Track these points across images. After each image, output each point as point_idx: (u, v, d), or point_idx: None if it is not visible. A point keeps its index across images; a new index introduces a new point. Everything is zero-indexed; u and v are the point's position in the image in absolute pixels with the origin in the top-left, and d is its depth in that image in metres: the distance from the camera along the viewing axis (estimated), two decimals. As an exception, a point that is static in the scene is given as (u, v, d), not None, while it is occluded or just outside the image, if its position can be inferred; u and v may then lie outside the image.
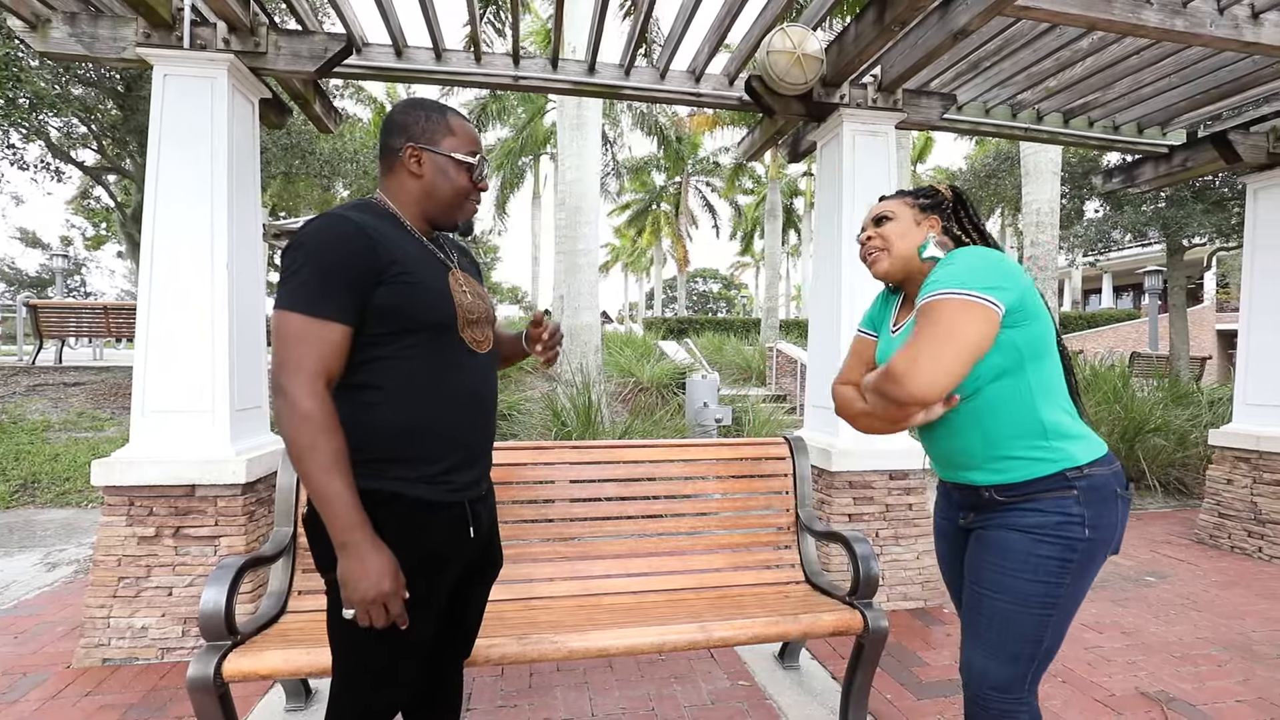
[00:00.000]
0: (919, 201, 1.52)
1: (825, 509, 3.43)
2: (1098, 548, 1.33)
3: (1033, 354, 1.32)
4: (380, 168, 1.39)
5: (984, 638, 1.37)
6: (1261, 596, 3.64)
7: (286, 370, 1.16)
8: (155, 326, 2.85)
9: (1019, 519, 1.34)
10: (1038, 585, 1.31)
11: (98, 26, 2.93)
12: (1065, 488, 1.32)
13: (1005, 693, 1.35)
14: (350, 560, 1.16)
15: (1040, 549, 1.31)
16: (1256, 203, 4.54)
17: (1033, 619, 1.32)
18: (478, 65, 3.56)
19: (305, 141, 11.60)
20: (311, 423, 1.14)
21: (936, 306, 1.26)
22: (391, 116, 1.36)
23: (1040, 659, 1.35)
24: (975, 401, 1.35)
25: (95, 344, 13.02)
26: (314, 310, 1.18)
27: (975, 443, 1.38)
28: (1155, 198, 13.03)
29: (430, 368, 1.28)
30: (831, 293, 3.61)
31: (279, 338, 1.18)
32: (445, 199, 1.36)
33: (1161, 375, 10.27)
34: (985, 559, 1.38)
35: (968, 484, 1.44)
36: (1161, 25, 2.98)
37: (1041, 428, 1.33)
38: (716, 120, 18.62)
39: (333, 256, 1.19)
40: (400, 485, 1.25)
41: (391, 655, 1.28)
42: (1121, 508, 1.35)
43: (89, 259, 37.99)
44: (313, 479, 1.14)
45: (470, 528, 1.37)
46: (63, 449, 6.27)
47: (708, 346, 14.49)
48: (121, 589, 2.74)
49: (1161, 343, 17.04)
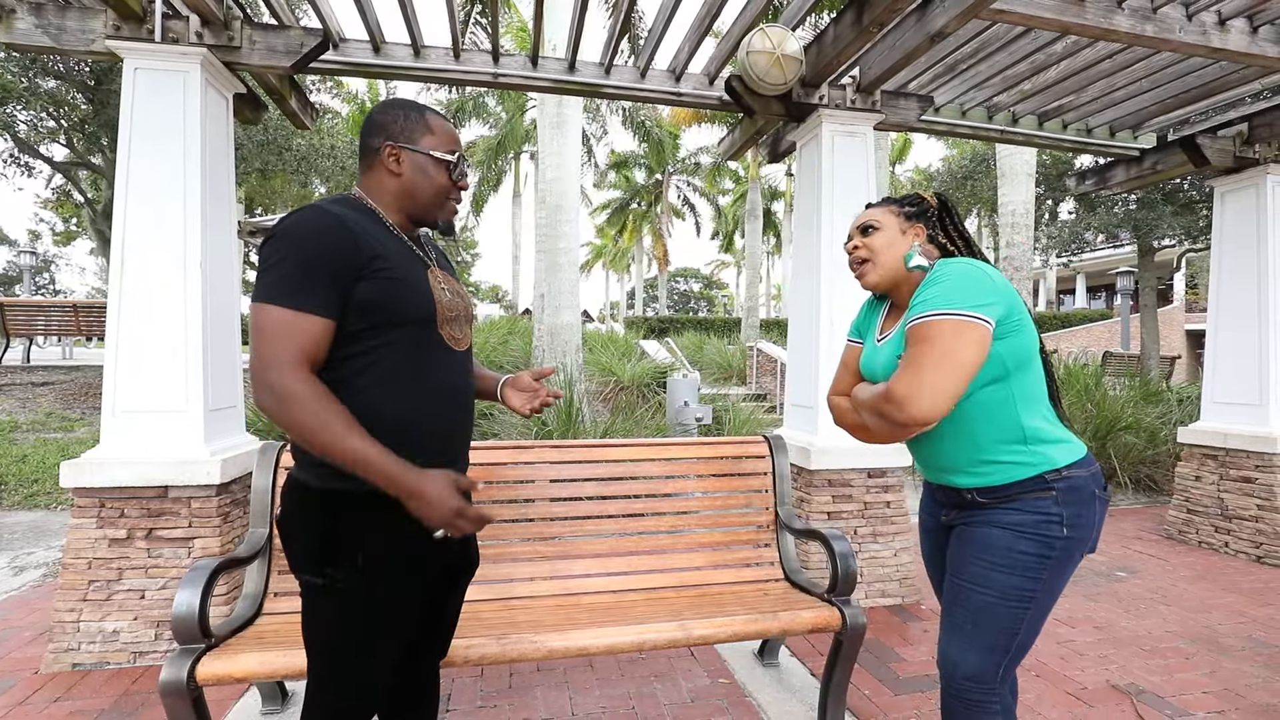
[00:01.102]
0: (904, 210, 1.53)
1: (804, 507, 3.45)
2: (1075, 546, 1.36)
3: (1017, 364, 1.36)
4: (360, 166, 1.38)
5: (962, 629, 1.41)
6: (1228, 590, 3.73)
7: (267, 364, 1.13)
8: (127, 325, 2.80)
9: (1001, 517, 1.38)
10: (1016, 579, 1.35)
11: (65, 18, 2.87)
12: (1044, 489, 1.36)
13: (978, 683, 1.39)
14: (414, 502, 1.16)
15: (1020, 544, 1.35)
16: (1224, 205, 4.65)
17: (1009, 612, 1.36)
18: (457, 63, 3.53)
19: (281, 137, 11.44)
20: (306, 402, 1.12)
21: (932, 328, 1.28)
22: (371, 116, 1.36)
23: (1014, 652, 1.38)
24: (960, 409, 1.37)
25: (65, 343, 12.75)
26: (295, 303, 1.15)
27: (959, 448, 1.42)
28: (1126, 200, 13.30)
29: (409, 364, 1.27)
30: (811, 292, 3.63)
31: (258, 331, 1.16)
32: (425, 197, 1.35)
33: (1133, 374, 10.47)
34: (967, 553, 1.42)
35: (951, 485, 1.48)
36: (1132, 30, 3.05)
37: (1022, 433, 1.37)
38: (698, 115, 18.66)
39: (314, 249, 1.17)
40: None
41: (366, 656, 1.28)
42: (1099, 508, 1.39)
43: (58, 255, 37.17)
44: (335, 450, 1.13)
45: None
46: (31, 450, 6.12)
47: (688, 346, 14.52)
48: (92, 592, 2.68)
49: (1133, 342, 17.40)
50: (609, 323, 33.48)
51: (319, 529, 1.24)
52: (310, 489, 1.26)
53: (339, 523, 1.24)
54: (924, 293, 1.35)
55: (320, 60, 3.32)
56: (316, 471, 1.24)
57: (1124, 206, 13.47)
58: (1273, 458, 4.23)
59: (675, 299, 57.24)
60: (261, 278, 1.18)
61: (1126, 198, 13.15)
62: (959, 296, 1.29)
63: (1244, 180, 4.48)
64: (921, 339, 1.29)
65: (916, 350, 1.29)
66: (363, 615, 1.26)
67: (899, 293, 1.53)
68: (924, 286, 1.37)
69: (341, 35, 3.44)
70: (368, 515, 1.23)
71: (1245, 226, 4.49)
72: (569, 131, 8.39)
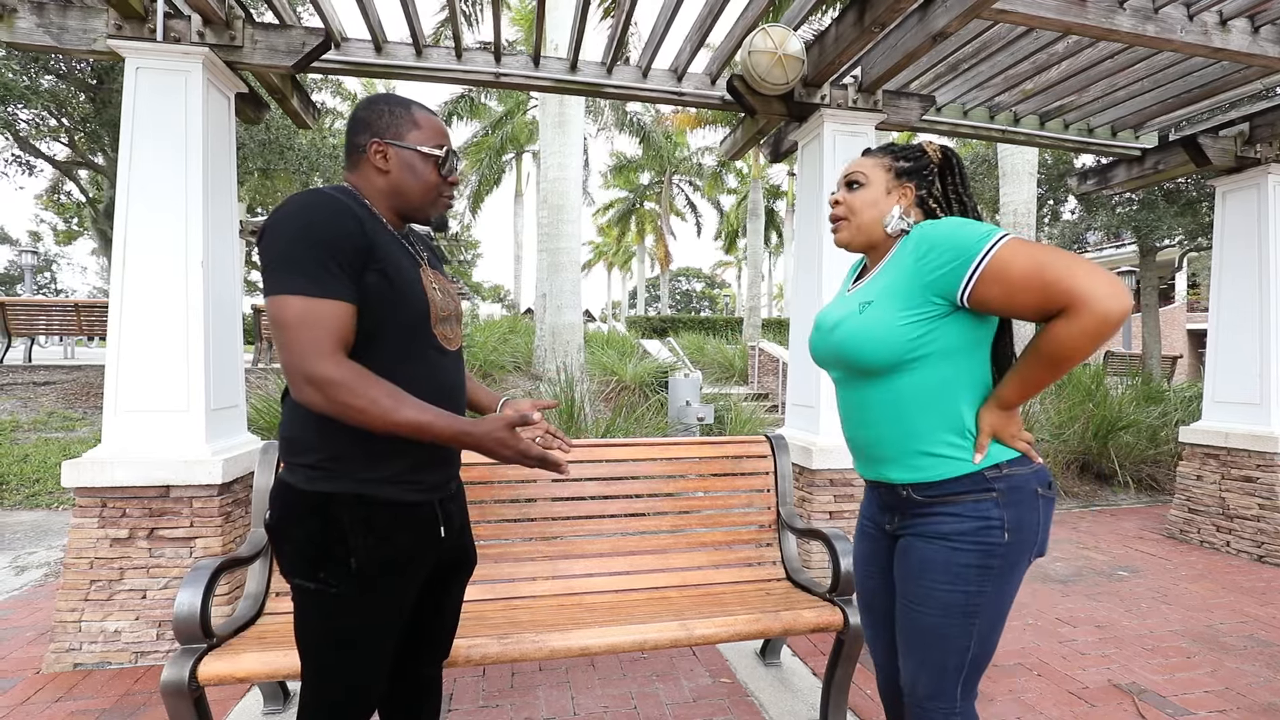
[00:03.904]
0: (897, 165, 1.41)
1: (806, 507, 3.45)
2: (1019, 552, 1.28)
3: (975, 341, 1.29)
4: (346, 165, 1.34)
5: (914, 650, 1.35)
6: (1229, 590, 3.73)
7: (300, 356, 1.10)
8: (129, 324, 2.80)
9: (938, 526, 1.30)
10: (958, 594, 1.27)
11: (67, 17, 2.87)
12: (984, 489, 1.27)
13: (939, 701, 1.33)
14: (480, 451, 1.19)
15: (958, 557, 1.27)
16: (1225, 205, 4.64)
17: (956, 628, 1.28)
18: (459, 62, 3.53)
19: (283, 137, 11.44)
20: (351, 385, 1.10)
21: (1010, 248, 1.16)
22: (355, 114, 1.32)
23: (970, 667, 1.31)
24: (901, 393, 1.30)
25: (66, 342, 12.76)
26: (316, 290, 1.11)
27: (892, 433, 1.33)
28: (1128, 200, 13.29)
29: (402, 363, 1.25)
30: (813, 292, 3.63)
31: (283, 326, 1.11)
32: (415, 194, 1.33)
33: (1134, 374, 10.46)
34: (908, 573, 1.35)
35: (886, 482, 1.40)
36: (1134, 30, 3.04)
37: (961, 424, 1.29)
38: (700, 119, 18.69)
39: (327, 234, 1.14)
40: (368, 485, 1.23)
41: (358, 658, 1.27)
42: (1044, 508, 1.31)
43: (60, 255, 37.20)
44: (391, 425, 1.12)
45: (441, 527, 1.36)
46: (32, 449, 6.13)
47: (690, 345, 14.51)
48: (94, 592, 2.69)
49: (1135, 342, 17.38)
50: (611, 322, 33.47)
51: (309, 532, 1.22)
52: (298, 491, 1.23)
53: (329, 525, 1.21)
54: (929, 256, 1.23)
55: (322, 60, 3.32)
56: (305, 473, 1.22)
57: (1126, 207, 13.46)
58: (1274, 457, 4.22)
59: (677, 298, 57.28)
60: (275, 267, 1.13)
61: (1128, 198, 13.14)
62: (986, 227, 1.21)
63: (1245, 180, 4.48)
64: (1020, 264, 1.15)
65: (1034, 270, 1.13)
66: (354, 618, 1.24)
67: (875, 254, 1.43)
68: (927, 249, 1.24)
69: (343, 35, 3.44)
70: (358, 517, 1.21)
71: (1246, 226, 4.49)
72: (571, 131, 8.39)
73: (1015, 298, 1.17)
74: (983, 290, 1.19)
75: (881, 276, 1.35)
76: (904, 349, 1.26)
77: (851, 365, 1.35)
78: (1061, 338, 1.14)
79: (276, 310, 1.12)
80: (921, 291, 1.25)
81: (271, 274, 1.13)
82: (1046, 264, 1.13)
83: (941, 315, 1.25)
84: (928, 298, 1.25)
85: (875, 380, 1.33)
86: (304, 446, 1.23)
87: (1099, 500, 6.08)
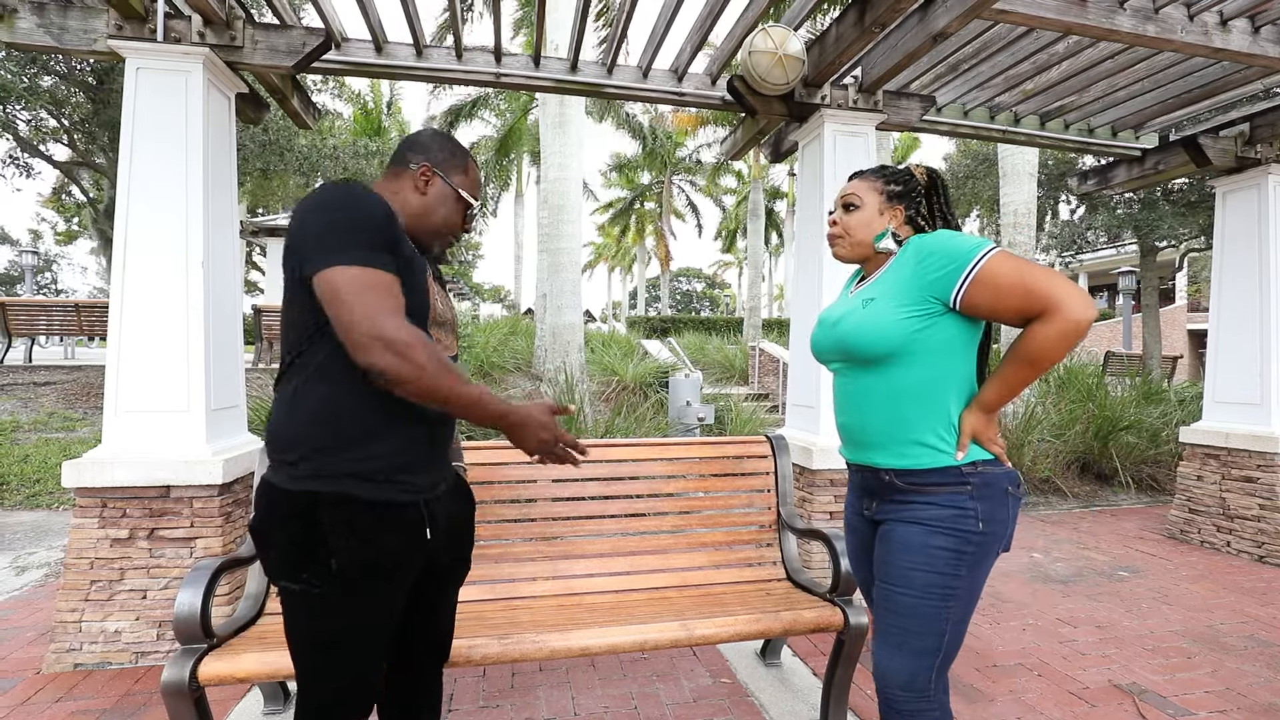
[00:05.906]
0: (888, 189, 1.53)
1: (806, 507, 3.45)
2: (990, 542, 1.37)
3: (965, 344, 1.41)
4: (386, 173, 1.43)
5: (890, 635, 1.41)
6: (1229, 590, 3.73)
7: (368, 317, 1.10)
8: (129, 324, 2.80)
9: (917, 512, 1.40)
10: (935, 576, 1.36)
11: (67, 17, 2.87)
12: (961, 483, 1.38)
13: (911, 692, 1.38)
14: (513, 433, 1.25)
15: (936, 540, 1.36)
16: (1225, 206, 4.65)
17: (932, 609, 1.36)
18: (459, 62, 3.54)
19: (284, 137, 11.44)
20: (426, 345, 1.13)
21: (995, 260, 1.31)
22: (420, 136, 1.43)
23: (943, 654, 1.38)
24: (897, 386, 1.40)
25: (67, 342, 12.76)
26: (374, 261, 1.15)
27: (885, 421, 1.43)
28: (1128, 200, 13.28)
29: None
30: (813, 292, 3.63)
31: (341, 294, 1.11)
32: (435, 224, 1.42)
33: (1134, 374, 10.45)
34: (888, 556, 1.43)
35: (870, 465, 1.49)
36: (1134, 30, 3.04)
37: (949, 419, 1.40)
38: (700, 120, 18.68)
39: (374, 216, 1.20)
40: (353, 485, 1.21)
41: (345, 658, 1.27)
42: (1013, 505, 1.41)
43: (60, 255, 37.21)
44: (459, 394, 1.16)
45: (427, 529, 1.34)
46: (33, 449, 6.13)
47: (691, 345, 14.52)
48: (94, 592, 2.69)
49: (1135, 342, 17.38)
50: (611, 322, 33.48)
51: (291, 535, 1.21)
52: (281, 492, 1.22)
53: (310, 528, 1.20)
54: (928, 261, 1.37)
55: (322, 60, 3.32)
56: (288, 472, 1.21)
57: (1126, 207, 13.46)
58: (1274, 457, 4.22)
59: (678, 299, 57.27)
60: (324, 243, 1.14)
61: (1128, 198, 13.14)
62: (977, 239, 1.34)
63: (1245, 180, 4.48)
64: (1006, 272, 1.30)
65: (1018, 278, 1.29)
66: (338, 619, 1.24)
67: (871, 265, 1.57)
68: (926, 255, 1.38)
69: (344, 35, 3.44)
70: (339, 518, 1.20)
71: (1247, 226, 4.49)
72: (571, 132, 8.39)
73: (1002, 301, 1.31)
74: (974, 293, 1.33)
75: (884, 279, 1.47)
76: (903, 340, 1.38)
77: (853, 354, 1.46)
78: (1039, 338, 1.30)
79: (333, 279, 1.12)
80: (920, 291, 1.38)
81: (321, 250, 1.14)
82: (1028, 273, 1.29)
83: (936, 314, 1.38)
84: (925, 297, 1.37)
85: (874, 370, 1.44)
86: (287, 442, 1.22)
87: (1099, 500, 6.08)
